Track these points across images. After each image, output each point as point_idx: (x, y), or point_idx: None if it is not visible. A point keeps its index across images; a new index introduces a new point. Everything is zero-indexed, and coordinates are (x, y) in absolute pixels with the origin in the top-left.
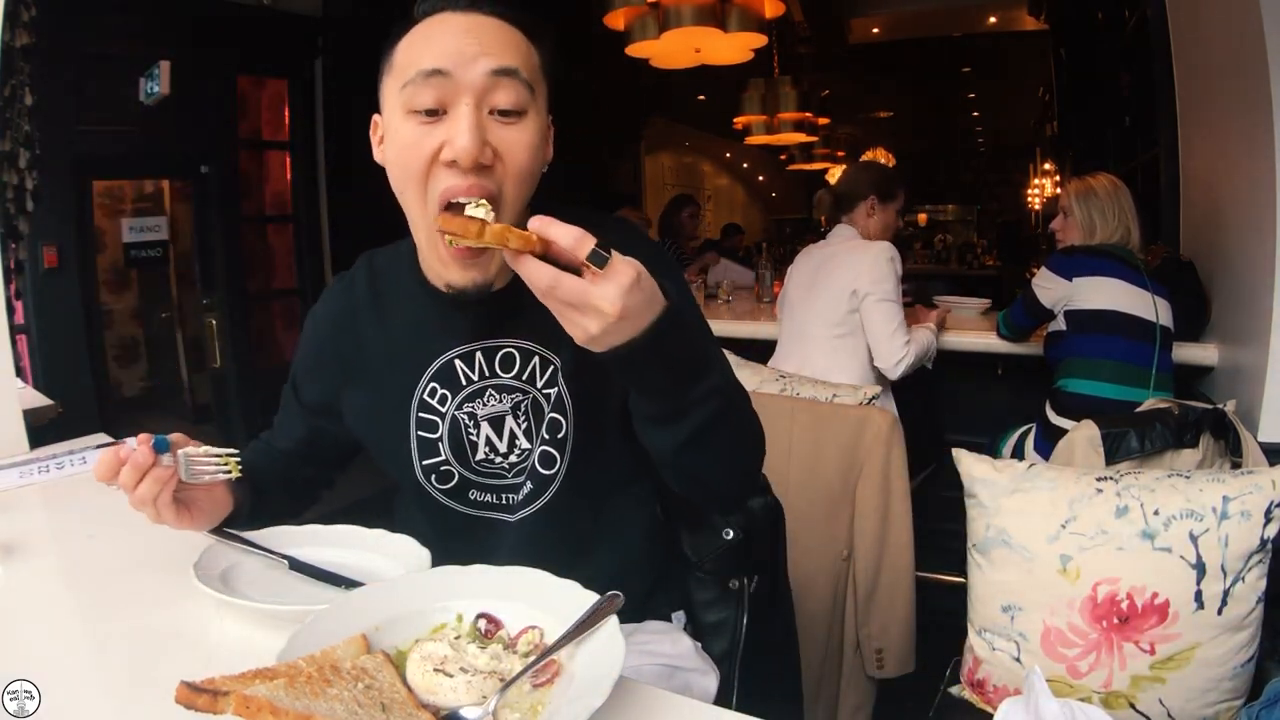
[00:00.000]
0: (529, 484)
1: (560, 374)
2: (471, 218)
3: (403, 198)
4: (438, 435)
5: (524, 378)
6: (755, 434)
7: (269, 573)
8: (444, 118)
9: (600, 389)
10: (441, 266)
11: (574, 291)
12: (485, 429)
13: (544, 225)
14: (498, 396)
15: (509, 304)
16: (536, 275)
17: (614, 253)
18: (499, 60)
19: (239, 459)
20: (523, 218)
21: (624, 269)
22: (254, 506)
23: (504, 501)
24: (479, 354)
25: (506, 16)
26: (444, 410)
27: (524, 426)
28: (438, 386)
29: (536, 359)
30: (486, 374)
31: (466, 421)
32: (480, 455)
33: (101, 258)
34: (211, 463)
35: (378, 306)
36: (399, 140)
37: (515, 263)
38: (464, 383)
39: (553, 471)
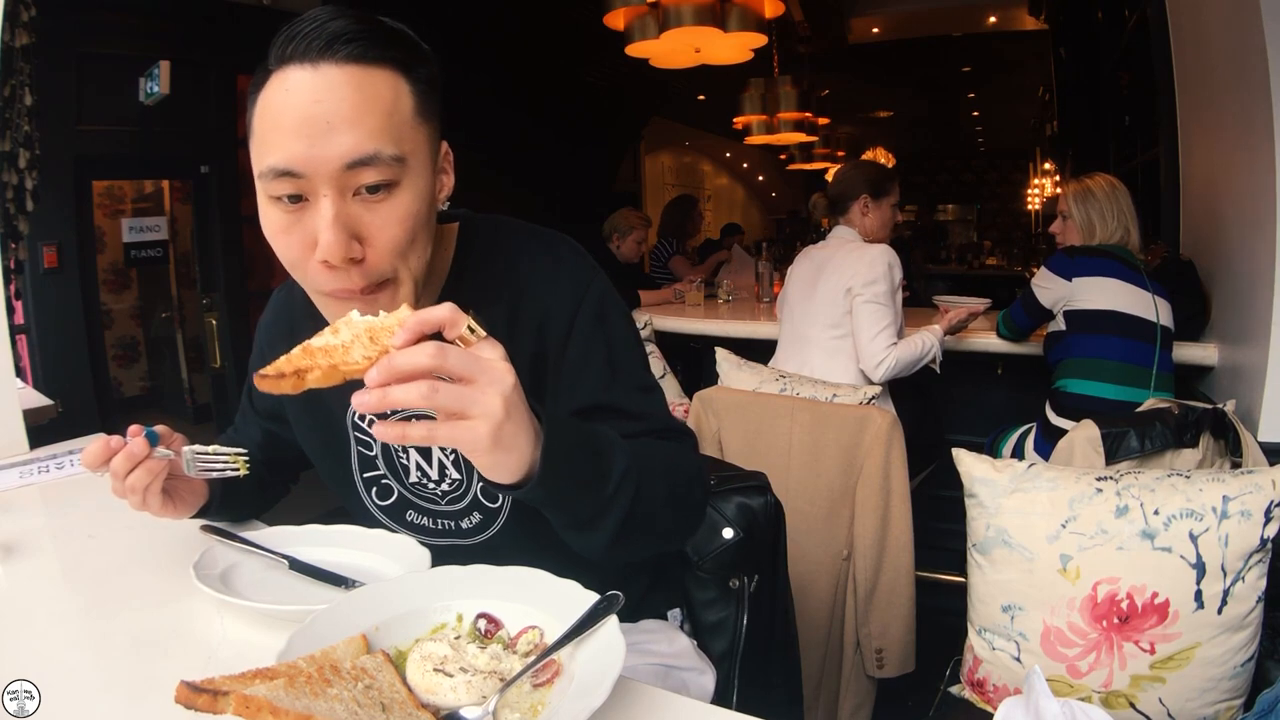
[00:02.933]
0: (477, 514)
1: None
2: (283, 374)
3: (284, 265)
4: (374, 454)
5: None
6: (685, 479)
7: (269, 573)
8: (306, 205)
9: None
10: (330, 313)
11: (466, 355)
12: (414, 455)
13: (382, 368)
14: None
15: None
16: (405, 395)
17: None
18: (354, 148)
19: (247, 458)
20: (425, 271)
21: (495, 349)
22: (224, 497)
23: (445, 528)
24: None
25: (368, 58)
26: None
27: (452, 457)
28: None
29: None
30: None
31: (395, 446)
32: (413, 478)
33: (101, 258)
34: (220, 461)
35: (314, 321)
36: (267, 222)
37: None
38: (388, 411)
39: (497, 505)
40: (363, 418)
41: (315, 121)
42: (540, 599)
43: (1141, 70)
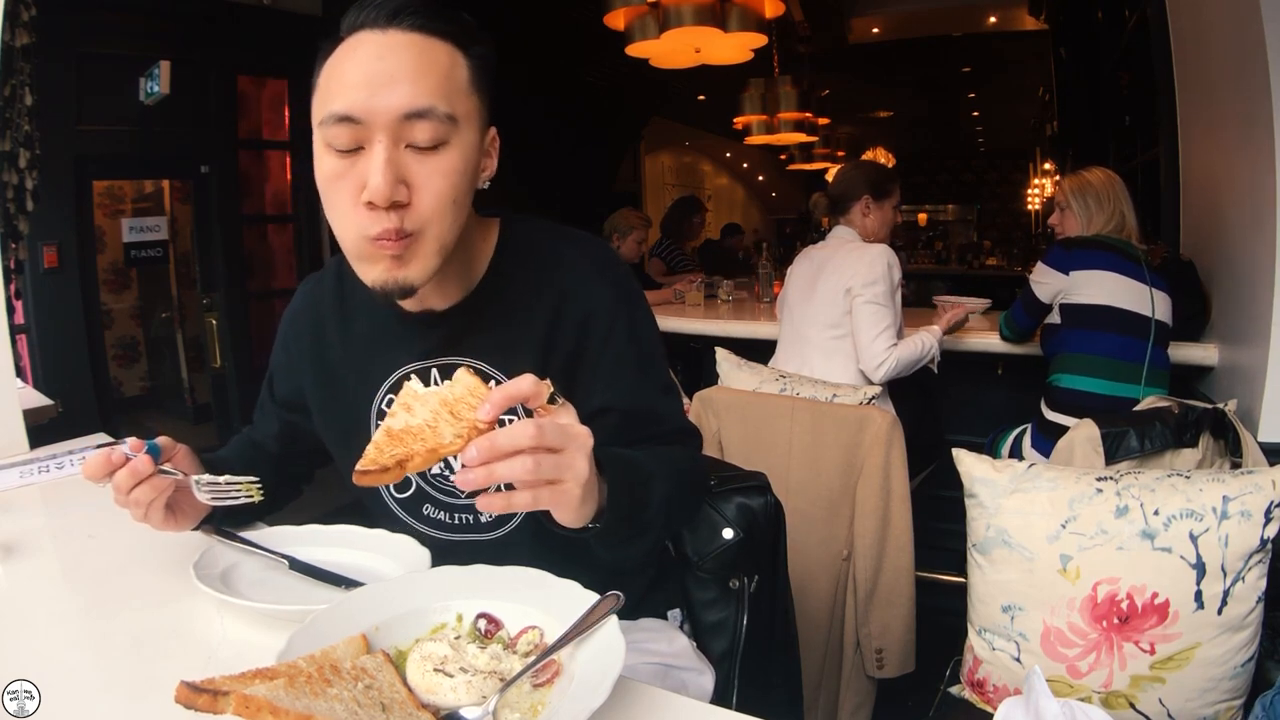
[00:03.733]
0: None
1: None
2: (385, 468)
3: (329, 216)
4: None
5: None
6: (695, 485)
7: (269, 573)
8: (361, 154)
9: None
10: (361, 266)
11: (559, 428)
12: None
13: (483, 449)
14: None
15: (468, 321)
16: (511, 470)
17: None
18: (412, 100)
19: (259, 484)
20: (454, 243)
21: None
22: (227, 508)
23: (463, 522)
24: (435, 371)
25: (431, 29)
26: None
27: None
28: (394, 398)
29: (493, 382)
30: None
31: None
32: (434, 470)
33: (101, 258)
34: (234, 489)
35: (341, 310)
36: (321, 169)
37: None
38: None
39: None
40: (386, 407)
41: (379, 74)
42: (540, 599)
43: (1141, 70)
